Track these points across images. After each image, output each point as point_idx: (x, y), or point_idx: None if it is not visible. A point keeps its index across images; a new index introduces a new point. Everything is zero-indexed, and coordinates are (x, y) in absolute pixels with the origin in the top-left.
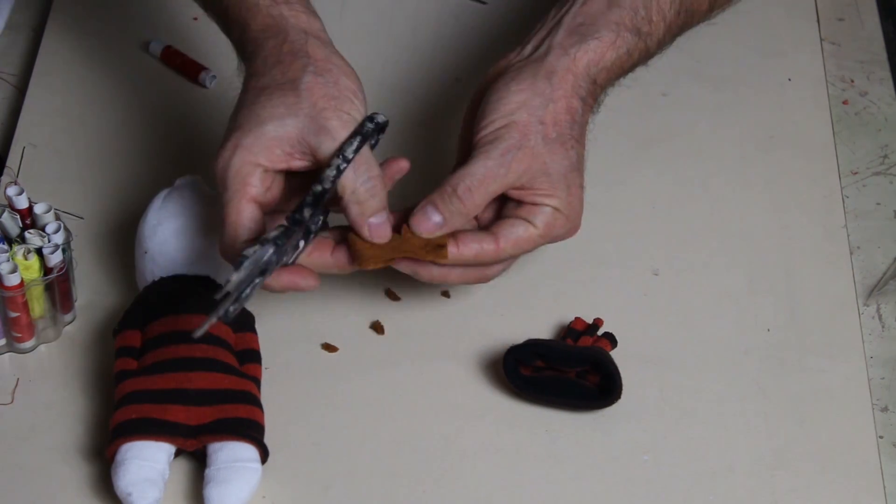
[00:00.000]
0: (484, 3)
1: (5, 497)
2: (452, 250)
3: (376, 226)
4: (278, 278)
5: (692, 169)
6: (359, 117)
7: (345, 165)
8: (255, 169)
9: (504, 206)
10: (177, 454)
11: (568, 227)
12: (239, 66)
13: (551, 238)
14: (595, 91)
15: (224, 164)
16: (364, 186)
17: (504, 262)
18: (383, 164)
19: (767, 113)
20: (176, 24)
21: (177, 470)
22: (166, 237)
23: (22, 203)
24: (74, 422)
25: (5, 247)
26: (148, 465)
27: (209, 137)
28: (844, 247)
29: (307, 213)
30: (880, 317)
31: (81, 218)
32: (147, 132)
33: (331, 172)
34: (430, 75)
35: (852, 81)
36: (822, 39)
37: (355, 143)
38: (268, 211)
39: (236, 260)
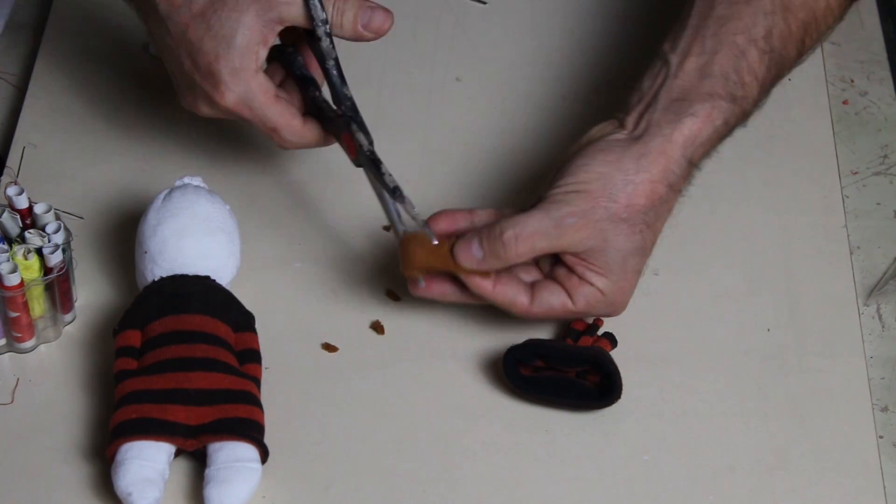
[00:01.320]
0: (484, 3)
1: (5, 497)
2: (487, 286)
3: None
4: None
5: None
6: None
7: (328, 27)
8: (257, 75)
9: (558, 264)
10: (177, 454)
11: (609, 310)
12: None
13: (588, 315)
14: (689, 171)
15: (236, 94)
16: (347, 16)
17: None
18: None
19: (767, 113)
20: None
21: (177, 470)
22: (166, 237)
23: (22, 203)
24: (74, 422)
25: (5, 247)
26: (148, 465)
27: (209, 137)
28: (844, 247)
29: (347, 91)
30: (880, 317)
31: (81, 218)
32: (147, 132)
33: (325, 43)
34: (430, 75)
35: (852, 81)
36: None
37: (317, 2)
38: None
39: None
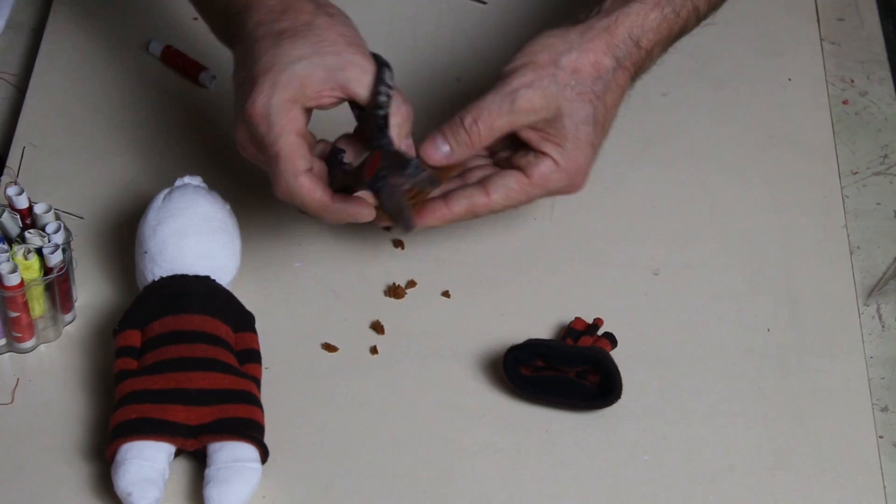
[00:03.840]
0: (484, 3)
1: (5, 497)
2: (444, 211)
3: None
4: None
5: (692, 169)
6: (369, 52)
7: (391, 91)
8: (294, 105)
9: (516, 149)
10: (177, 454)
11: (565, 182)
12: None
13: (547, 192)
14: (638, 55)
15: (264, 103)
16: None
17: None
18: None
19: (767, 113)
20: (176, 24)
21: (177, 470)
22: (166, 237)
23: (22, 203)
24: (74, 422)
25: (5, 247)
26: (148, 465)
27: (209, 137)
28: (844, 247)
29: (384, 139)
30: (880, 317)
31: (81, 218)
32: (147, 132)
33: (383, 99)
34: (431, 75)
35: (852, 81)
36: (822, 39)
37: (388, 72)
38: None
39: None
